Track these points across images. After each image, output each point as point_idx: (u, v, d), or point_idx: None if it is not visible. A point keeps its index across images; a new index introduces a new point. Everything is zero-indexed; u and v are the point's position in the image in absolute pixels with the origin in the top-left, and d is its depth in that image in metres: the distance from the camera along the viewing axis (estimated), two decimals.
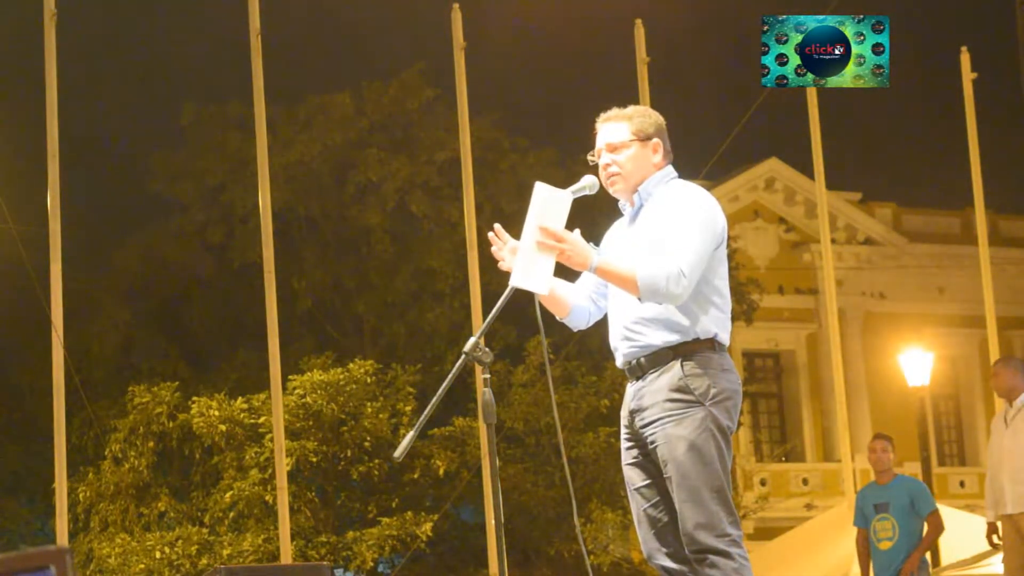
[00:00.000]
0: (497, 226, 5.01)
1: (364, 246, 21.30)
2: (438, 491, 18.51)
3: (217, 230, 21.28)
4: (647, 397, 4.97)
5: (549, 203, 4.81)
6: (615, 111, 5.18)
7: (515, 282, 4.80)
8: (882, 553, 10.52)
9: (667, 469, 4.92)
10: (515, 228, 4.99)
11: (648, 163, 5.10)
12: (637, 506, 5.09)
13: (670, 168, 5.17)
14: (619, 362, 5.12)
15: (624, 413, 5.11)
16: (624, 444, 5.13)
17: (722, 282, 5.03)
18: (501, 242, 4.98)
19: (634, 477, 5.09)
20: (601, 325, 5.36)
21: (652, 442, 4.97)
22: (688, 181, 5.16)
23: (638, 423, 5.02)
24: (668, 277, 4.78)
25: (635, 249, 4.98)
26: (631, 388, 5.07)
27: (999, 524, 10.32)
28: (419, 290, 21.14)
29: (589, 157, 5.17)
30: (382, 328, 21.57)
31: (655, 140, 5.12)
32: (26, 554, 2.92)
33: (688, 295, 4.84)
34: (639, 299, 4.88)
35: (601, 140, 5.15)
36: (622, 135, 5.11)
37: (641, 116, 5.16)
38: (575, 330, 5.36)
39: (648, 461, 5.03)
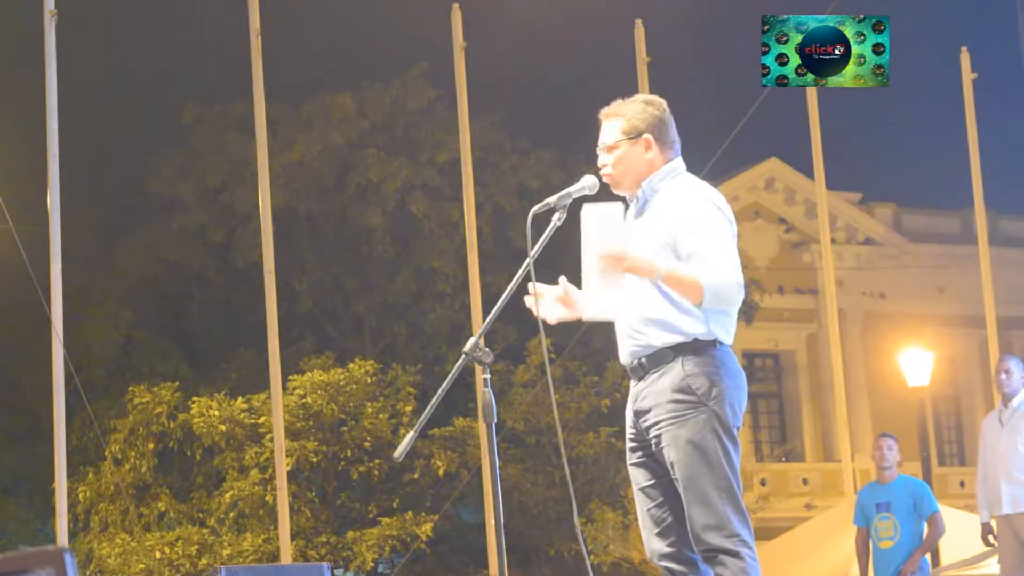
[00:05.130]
0: (538, 286, 4.97)
1: (365, 246, 21.29)
2: (438, 491, 18.51)
3: (218, 230, 21.28)
4: (650, 398, 4.96)
5: (603, 223, 4.78)
6: (613, 106, 5.10)
7: (589, 316, 4.86)
8: (883, 552, 10.51)
9: (674, 471, 4.92)
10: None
11: (640, 161, 5.02)
12: (641, 505, 5.08)
13: (676, 163, 5.07)
14: (623, 360, 5.10)
15: (628, 413, 5.10)
16: (629, 444, 5.11)
17: None
18: (538, 295, 4.97)
19: (638, 477, 5.08)
20: (605, 325, 5.35)
21: (657, 443, 4.96)
22: (695, 177, 5.10)
23: (642, 424, 5.01)
24: (729, 285, 4.79)
25: (640, 243, 4.94)
26: (634, 388, 5.05)
27: (993, 524, 10.34)
28: (419, 290, 21.13)
29: (598, 151, 5.15)
30: (382, 328, 21.58)
31: (646, 136, 5.01)
32: (26, 554, 2.92)
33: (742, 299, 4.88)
34: (699, 304, 4.84)
35: (600, 139, 5.11)
36: (613, 135, 5.05)
37: (634, 111, 5.04)
38: None
39: (653, 461, 5.02)
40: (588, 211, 4.79)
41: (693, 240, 4.84)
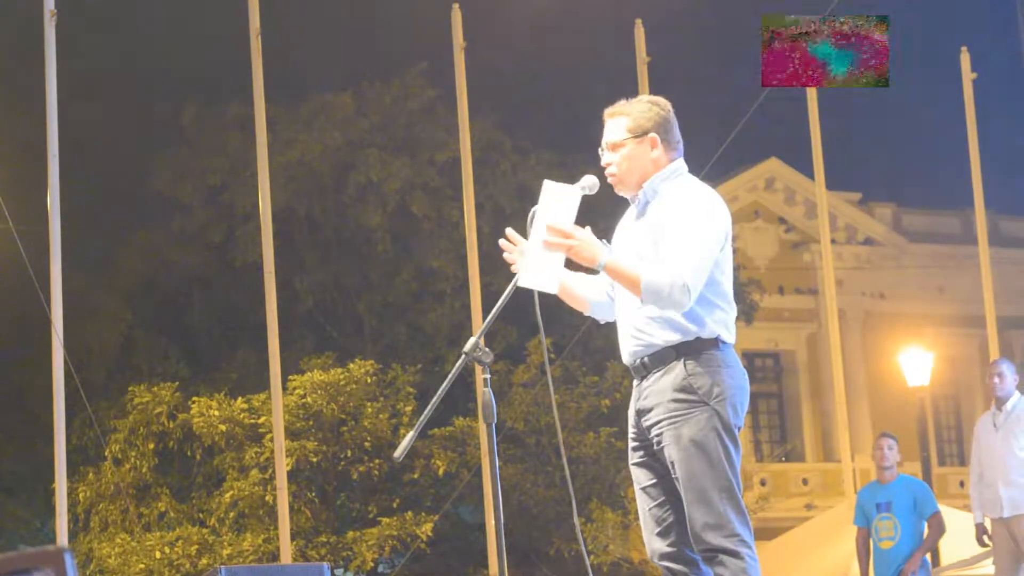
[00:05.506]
0: (509, 231, 4.96)
1: (364, 246, 21.29)
2: (438, 491, 18.51)
3: (217, 230, 21.27)
4: (651, 397, 4.96)
5: (556, 199, 4.79)
6: (618, 105, 5.10)
7: (522, 282, 4.78)
8: (883, 552, 10.51)
9: (675, 470, 4.91)
10: (515, 228, 4.97)
11: (645, 159, 5.02)
12: (643, 505, 5.08)
13: (679, 163, 5.07)
14: (625, 360, 5.10)
15: (631, 412, 5.09)
16: (631, 443, 5.11)
17: (727, 280, 4.99)
18: (512, 245, 4.93)
19: (640, 476, 5.08)
20: (606, 324, 5.35)
21: (659, 442, 4.95)
22: (696, 178, 5.10)
23: (644, 423, 5.00)
24: (672, 286, 4.76)
25: (640, 246, 4.95)
26: (636, 388, 5.05)
27: (988, 524, 10.37)
28: (419, 290, 21.13)
29: (600, 151, 5.13)
30: (382, 328, 21.57)
31: (652, 135, 5.01)
32: (26, 554, 2.92)
33: (690, 306, 4.82)
34: (641, 301, 4.86)
35: (603, 138, 5.10)
36: (619, 133, 5.04)
37: (640, 110, 5.04)
38: (602, 322, 5.32)
39: (655, 460, 5.02)
40: (547, 185, 4.82)
41: (671, 241, 4.84)
